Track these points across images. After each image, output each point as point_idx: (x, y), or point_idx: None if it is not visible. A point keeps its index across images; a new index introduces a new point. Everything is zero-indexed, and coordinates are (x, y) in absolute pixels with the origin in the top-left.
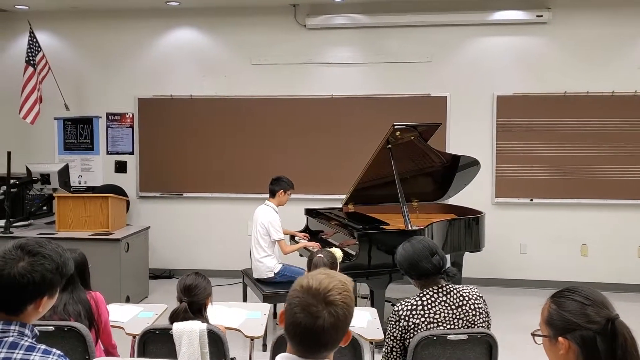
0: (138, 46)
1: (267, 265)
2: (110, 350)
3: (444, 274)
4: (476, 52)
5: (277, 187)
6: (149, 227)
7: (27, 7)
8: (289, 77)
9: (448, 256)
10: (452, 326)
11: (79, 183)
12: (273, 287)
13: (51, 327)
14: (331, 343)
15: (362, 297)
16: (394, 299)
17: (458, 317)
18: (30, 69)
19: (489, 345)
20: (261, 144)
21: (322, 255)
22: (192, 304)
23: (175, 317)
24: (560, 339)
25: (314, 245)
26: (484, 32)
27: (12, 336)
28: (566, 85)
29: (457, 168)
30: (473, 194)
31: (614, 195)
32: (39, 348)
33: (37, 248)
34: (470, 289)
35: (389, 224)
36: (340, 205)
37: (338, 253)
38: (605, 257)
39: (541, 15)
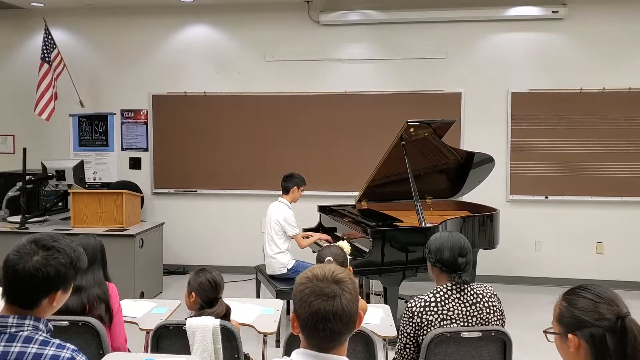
0: (152, 43)
1: (281, 261)
2: (116, 346)
3: (457, 275)
4: (491, 48)
5: (291, 183)
6: (163, 223)
7: (43, 5)
8: (302, 74)
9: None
10: (466, 324)
11: (94, 179)
12: (286, 284)
13: (65, 322)
14: (351, 323)
15: (375, 294)
16: (407, 296)
17: (472, 314)
18: (46, 66)
19: (503, 343)
20: (274, 140)
21: (331, 259)
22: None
23: (225, 315)
24: (569, 335)
25: (325, 239)
26: (498, 28)
27: (27, 330)
28: (582, 82)
29: (472, 165)
30: (487, 191)
31: (629, 192)
32: (53, 342)
33: (51, 242)
34: (485, 286)
35: (402, 221)
36: (353, 202)
37: (346, 246)
38: (621, 255)
39: (557, 11)
